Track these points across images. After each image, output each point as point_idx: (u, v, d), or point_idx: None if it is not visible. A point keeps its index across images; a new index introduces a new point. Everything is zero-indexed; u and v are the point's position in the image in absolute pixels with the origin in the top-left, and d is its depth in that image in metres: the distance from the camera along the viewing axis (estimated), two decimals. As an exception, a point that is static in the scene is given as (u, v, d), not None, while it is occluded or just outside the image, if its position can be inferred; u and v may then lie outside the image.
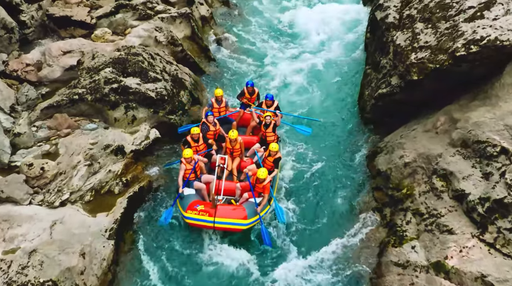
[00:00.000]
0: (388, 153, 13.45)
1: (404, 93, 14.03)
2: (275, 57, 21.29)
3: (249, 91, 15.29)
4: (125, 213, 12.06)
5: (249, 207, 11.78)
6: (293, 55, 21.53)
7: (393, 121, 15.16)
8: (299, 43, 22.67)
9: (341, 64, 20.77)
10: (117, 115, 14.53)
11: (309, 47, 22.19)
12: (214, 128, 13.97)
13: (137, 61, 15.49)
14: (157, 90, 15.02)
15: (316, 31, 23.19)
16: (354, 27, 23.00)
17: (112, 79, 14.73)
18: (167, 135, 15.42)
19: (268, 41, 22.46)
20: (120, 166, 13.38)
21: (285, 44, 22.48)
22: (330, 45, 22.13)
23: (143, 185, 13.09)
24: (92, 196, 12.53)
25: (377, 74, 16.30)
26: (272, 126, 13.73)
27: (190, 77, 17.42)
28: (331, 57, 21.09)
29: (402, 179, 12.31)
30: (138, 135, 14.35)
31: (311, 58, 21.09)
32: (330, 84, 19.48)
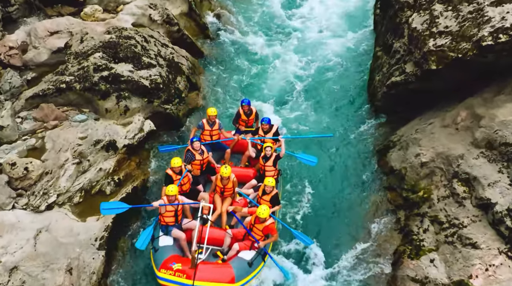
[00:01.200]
0: (402, 149, 12.40)
1: (420, 82, 12.85)
2: (278, 34, 20.03)
3: (245, 112, 12.78)
4: (117, 217, 11.03)
5: (239, 264, 9.44)
6: (296, 31, 20.18)
7: (406, 111, 14.08)
8: (302, 18, 21.30)
9: (347, 42, 19.53)
10: (108, 106, 13.39)
11: (313, 22, 20.86)
12: (201, 157, 11.41)
13: (129, 45, 14.24)
14: (152, 78, 13.83)
15: (320, 3, 21.77)
16: (360, 0, 21.64)
17: (102, 66, 13.51)
18: (162, 127, 14.36)
19: (270, 17, 21.05)
20: (112, 163, 12.33)
21: (288, 20, 21.13)
22: (335, 21, 20.82)
23: (136, 184, 12.08)
24: (81, 197, 11.54)
25: (389, 59, 15.08)
26: (273, 159, 11.34)
27: (187, 61, 16.20)
28: (336, 34, 19.86)
29: (418, 180, 11.32)
30: (131, 128, 13.24)
31: (315, 36, 19.82)
32: (336, 66, 18.31)
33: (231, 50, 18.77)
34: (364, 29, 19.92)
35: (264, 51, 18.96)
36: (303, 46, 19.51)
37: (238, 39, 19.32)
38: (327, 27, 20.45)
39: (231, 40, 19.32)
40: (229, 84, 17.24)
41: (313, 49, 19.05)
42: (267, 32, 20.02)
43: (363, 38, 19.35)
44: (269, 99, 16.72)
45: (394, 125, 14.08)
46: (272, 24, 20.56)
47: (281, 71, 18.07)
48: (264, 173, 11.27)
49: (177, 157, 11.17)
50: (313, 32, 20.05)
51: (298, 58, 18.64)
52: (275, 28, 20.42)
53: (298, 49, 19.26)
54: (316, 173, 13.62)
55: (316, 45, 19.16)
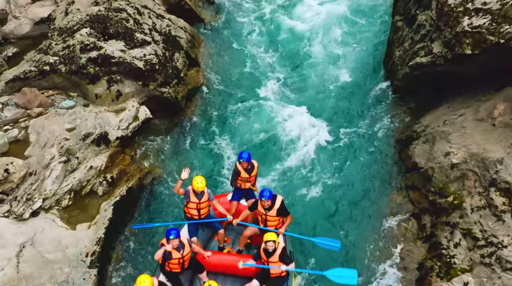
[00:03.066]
0: (428, 143, 11.05)
1: (450, 65, 11.29)
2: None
3: (245, 168, 9.38)
4: (110, 226, 9.90)
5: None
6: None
7: (431, 94, 12.60)
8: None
9: (361, 6, 17.62)
10: (98, 91, 11.94)
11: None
12: (180, 254, 8.07)
13: (120, 19, 12.59)
14: (146, 58, 12.28)
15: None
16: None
17: (90, 44, 11.93)
18: (160, 112, 12.94)
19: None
20: (104, 158, 11.04)
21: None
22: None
23: (131, 184, 10.81)
24: (70, 199, 10.34)
25: (412, 32, 13.41)
26: (280, 253, 8.11)
27: (185, 33, 14.55)
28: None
29: (447, 183, 10.05)
30: (124, 116, 11.84)
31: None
32: (349, 34, 16.62)
33: (234, 15, 17.05)
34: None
35: (273, 14, 17.14)
36: (314, 10, 17.65)
37: (240, 2, 17.47)
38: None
39: (234, 2, 17.45)
40: (233, 55, 15.69)
41: (324, 13, 17.21)
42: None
43: (380, 2, 17.45)
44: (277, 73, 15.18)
45: (417, 111, 12.64)
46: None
47: (290, 38, 16.38)
48: (269, 271, 8.24)
49: None
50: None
51: (309, 24, 16.84)
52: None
53: (308, 14, 17.40)
54: (330, 161, 12.33)
55: (328, 10, 17.30)
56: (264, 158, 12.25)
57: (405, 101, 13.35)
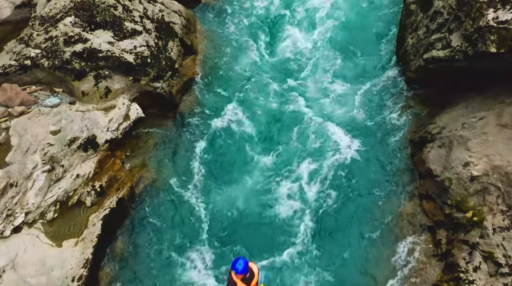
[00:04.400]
0: (444, 147, 10.15)
1: (470, 61, 10.26)
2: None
3: (242, 279, 7.60)
4: (99, 244, 9.09)
5: None
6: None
7: (448, 89, 11.59)
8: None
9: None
10: (85, 88, 10.94)
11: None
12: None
13: (107, 6, 11.44)
14: (137, 51, 11.21)
15: None
16: None
17: (74, 36, 10.84)
18: (153, 107, 11.97)
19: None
20: (92, 164, 10.16)
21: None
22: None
23: (122, 194, 9.96)
24: (56, 211, 9.53)
25: (427, 19, 12.29)
26: None
27: (180, 17, 13.38)
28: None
29: (466, 196, 9.20)
30: (114, 115, 10.88)
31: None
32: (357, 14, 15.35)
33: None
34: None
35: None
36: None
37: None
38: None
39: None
40: (232, 39, 14.48)
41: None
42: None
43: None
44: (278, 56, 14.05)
45: (431, 107, 11.70)
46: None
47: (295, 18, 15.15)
48: None
49: None
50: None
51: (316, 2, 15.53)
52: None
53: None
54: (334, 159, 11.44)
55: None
56: (265, 153, 11.42)
57: (418, 95, 12.38)
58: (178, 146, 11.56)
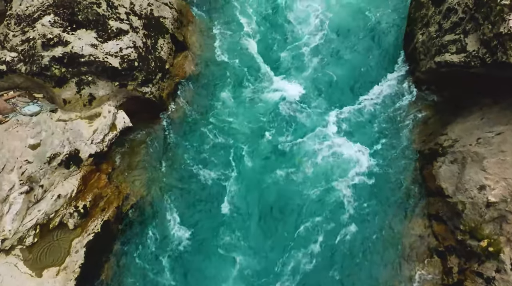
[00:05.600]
0: (456, 164, 9.36)
1: (488, 68, 9.35)
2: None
3: None
4: (82, 276, 8.38)
5: None
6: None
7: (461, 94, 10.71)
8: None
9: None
10: (66, 96, 10.04)
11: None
12: None
13: (89, 3, 10.39)
14: (122, 53, 10.25)
15: None
16: None
17: (53, 38, 9.87)
18: (142, 112, 11.07)
19: None
20: (75, 182, 9.37)
21: None
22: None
23: (108, 216, 9.21)
24: (36, 235, 8.80)
25: (439, 15, 11.34)
26: None
27: (171, 9, 12.36)
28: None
29: (481, 223, 8.46)
30: (99, 125, 10.03)
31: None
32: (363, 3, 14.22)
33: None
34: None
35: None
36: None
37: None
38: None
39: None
40: (229, 31, 13.42)
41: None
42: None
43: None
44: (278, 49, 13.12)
45: (442, 114, 10.86)
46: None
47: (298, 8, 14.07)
48: None
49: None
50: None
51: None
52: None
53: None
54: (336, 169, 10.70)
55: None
56: (264, 161, 10.69)
57: (427, 98, 11.54)
58: (169, 156, 10.78)
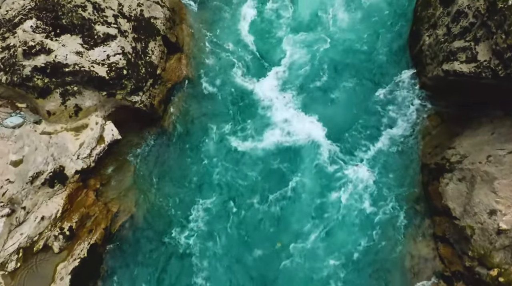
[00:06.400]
0: (465, 182, 8.81)
1: (500, 80, 8.72)
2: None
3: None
4: (67, 305, 7.91)
5: None
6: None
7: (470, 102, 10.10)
8: None
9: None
10: (50, 107, 9.43)
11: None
12: None
13: (74, 7, 9.70)
14: (110, 61, 9.61)
15: None
16: None
17: (35, 46, 9.23)
18: (132, 122, 10.45)
19: None
20: (60, 201, 8.86)
21: None
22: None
23: (95, 239, 8.70)
24: (19, 260, 8.36)
25: (448, 16, 10.66)
26: None
27: (163, 8, 11.66)
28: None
29: (491, 250, 7.97)
30: (86, 138, 9.45)
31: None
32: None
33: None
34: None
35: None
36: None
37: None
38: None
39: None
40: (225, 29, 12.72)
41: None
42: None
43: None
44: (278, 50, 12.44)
45: (449, 123, 10.30)
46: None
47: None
48: None
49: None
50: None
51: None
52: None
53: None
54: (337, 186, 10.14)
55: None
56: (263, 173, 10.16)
57: (434, 105, 10.94)
58: (161, 169, 10.21)
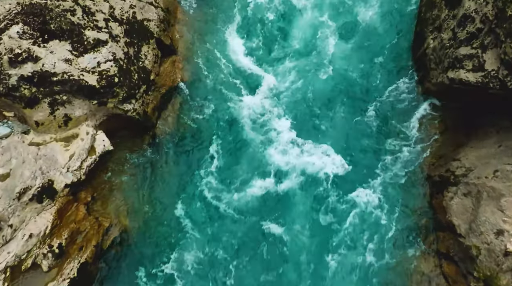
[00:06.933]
0: (470, 198, 8.47)
1: (508, 91, 8.33)
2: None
3: None
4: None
5: None
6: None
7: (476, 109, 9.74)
8: None
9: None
10: (39, 117, 9.02)
11: None
12: None
13: (63, 11, 9.24)
14: (101, 69, 9.18)
15: None
16: None
17: (22, 54, 8.78)
18: (124, 130, 10.06)
19: None
20: (49, 217, 8.49)
21: None
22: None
23: (86, 257, 8.37)
24: (6, 279, 8.01)
25: (454, 20, 10.25)
26: None
27: (157, 8, 11.19)
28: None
29: (497, 272, 7.65)
30: (76, 149, 9.06)
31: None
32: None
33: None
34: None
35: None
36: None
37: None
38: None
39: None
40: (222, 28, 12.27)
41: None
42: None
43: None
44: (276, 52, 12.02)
45: (454, 132, 9.95)
46: None
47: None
48: None
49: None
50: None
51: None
52: None
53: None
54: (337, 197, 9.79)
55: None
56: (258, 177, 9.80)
57: (438, 112, 10.56)
58: (155, 180, 9.84)
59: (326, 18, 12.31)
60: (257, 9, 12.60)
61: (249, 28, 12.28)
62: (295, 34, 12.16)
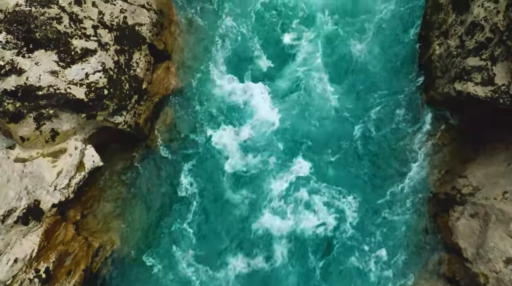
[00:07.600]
0: (477, 219, 8.09)
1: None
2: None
3: None
4: None
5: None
6: None
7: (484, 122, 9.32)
8: None
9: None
10: (24, 133, 8.57)
11: None
12: None
13: (48, 19, 8.71)
14: (89, 81, 8.71)
15: None
16: None
17: (5, 66, 8.30)
18: (115, 142, 9.62)
19: None
20: (36, 239, 8.10)
21: None
22: None
23: (74, 282, 7.98)
24: (-8, 306, 7.56)
25: (462, 27, 9.76)
26: None
27: (149, 12, 10.65)
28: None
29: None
30: (64, 165, 8.64)
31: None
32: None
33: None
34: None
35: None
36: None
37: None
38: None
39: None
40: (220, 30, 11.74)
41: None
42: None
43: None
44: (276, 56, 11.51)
45: (460, 145, 9.51)
46: None
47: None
48: None
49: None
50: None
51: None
52: None
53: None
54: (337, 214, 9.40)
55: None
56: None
57: (443, 123, 10.11)
58: (147, 195, 9.42)
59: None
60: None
61: (249, 23, 11.73)
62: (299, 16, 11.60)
